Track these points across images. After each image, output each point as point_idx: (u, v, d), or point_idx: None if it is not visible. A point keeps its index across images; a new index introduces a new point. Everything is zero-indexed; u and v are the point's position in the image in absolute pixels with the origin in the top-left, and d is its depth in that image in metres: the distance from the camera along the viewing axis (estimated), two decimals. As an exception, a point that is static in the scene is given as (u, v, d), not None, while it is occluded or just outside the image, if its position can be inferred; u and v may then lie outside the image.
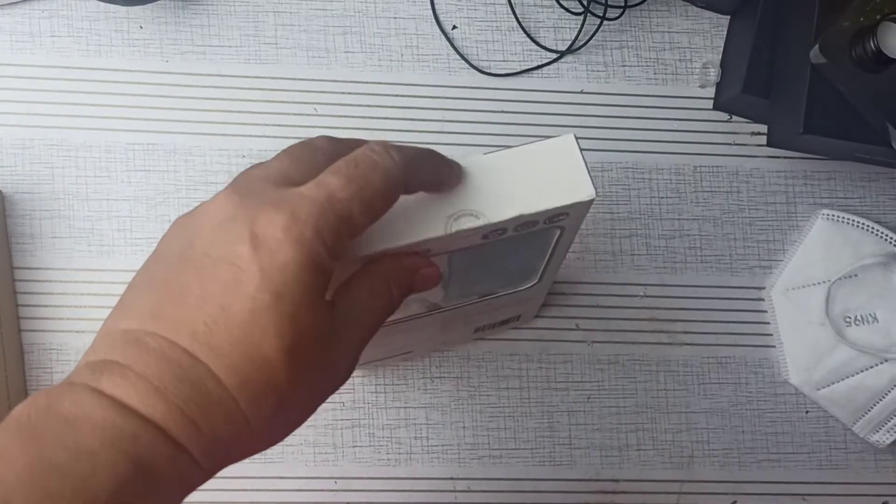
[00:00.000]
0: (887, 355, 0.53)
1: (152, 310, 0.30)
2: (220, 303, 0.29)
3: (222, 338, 0.29)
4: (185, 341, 0.29)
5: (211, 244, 0.30)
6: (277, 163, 0.33)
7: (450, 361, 0.54)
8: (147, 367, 0.28)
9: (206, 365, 0.29)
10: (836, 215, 0.56)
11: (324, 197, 0.30)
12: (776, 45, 0.54)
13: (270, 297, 0.29)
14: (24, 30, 0.53)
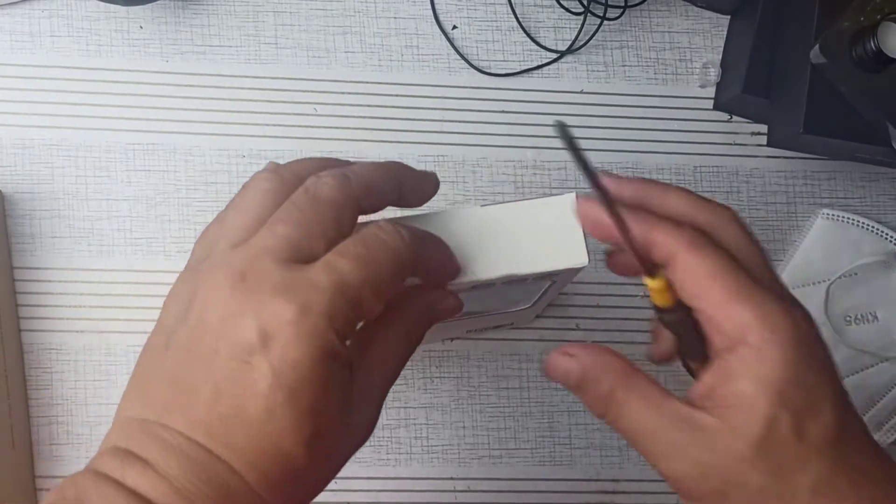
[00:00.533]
0: (887, 354, 0.53)
1: (165, 403, 0.29)
2: (235, 402, 0.28)
3: (240, 436, 0.28)
4: (202, 438, 0.28)
5: (219, 340, 0.29)
6: (284, 229, 0.30)
7: (450, 361, 0.54)
8: (168, 466, 0.28)
9: (226, 462, 0.28)
10: (836, 215, 0.56)
11: (334, 283, 0.29)
12: (776, 45, 0.54)
13: (284, 394, 0.28)
14: (24, 29, 0.53)
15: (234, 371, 0.28)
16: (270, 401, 0.28)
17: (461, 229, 0.35)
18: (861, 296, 0.54)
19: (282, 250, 0.29)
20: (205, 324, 0.29)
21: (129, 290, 0.52)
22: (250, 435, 0.28)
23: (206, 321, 0.29)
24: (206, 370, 0.29)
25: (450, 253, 0.34)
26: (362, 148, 0.54)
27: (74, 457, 0.50)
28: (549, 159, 0.56)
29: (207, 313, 0.29)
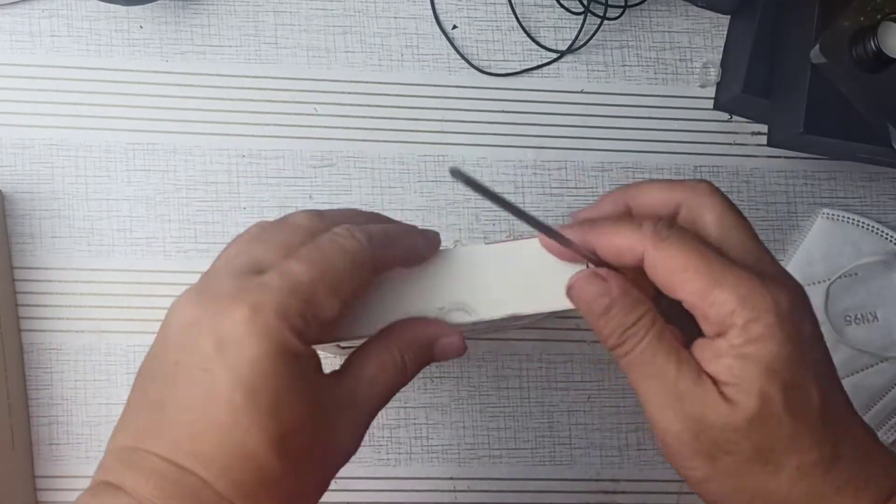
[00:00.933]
0: (887, 354, 0.53)
1: (142, 427, 0.30)
2: (198, 410, 0.28)
3: (206, 444, 0.28)
4: (173, 454, 0.29)
5: (179, 351, 0.29)
6: (245, 247, 0.32)
7: (450, 361, 0.54)
8: (137, 485, 0.28)
9: (196, 474, 0.28)
10: (836, 215, 0.56)
11: (286, 283, 0.29)
12: (776, 44, 0.54)
13: (244, 394, 0.28)
14: (24, 29, 0.53)
15: (194, 379, 0.29)
16: (231, 402, 0.28)
17: (465, 267, 0.35)
18: (861, 296, 0.54)
19: (245, 263, 0.31)
20: (167, 340, 0.30)
21: (128, 290, 0.52)
22: (216, 441, 0.28)
23: (168, 337, 0.30)
24: (171, 384, 0.29)
25: (421, 232, 0.35)
26: (362, 148, 0.54)
27: (74, 457, 0.50)
28: (550, 159, 0.56)
29: (169, 329, 0.30)
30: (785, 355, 0.30)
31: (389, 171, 0.55)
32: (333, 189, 0.54)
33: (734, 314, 0.30)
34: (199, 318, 0.29)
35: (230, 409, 0.28)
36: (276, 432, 0.28)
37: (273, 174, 0.54)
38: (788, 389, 0.30)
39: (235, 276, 0.30)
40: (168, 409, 0.29)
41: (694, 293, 0.31)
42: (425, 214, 0.54)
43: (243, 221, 0.53)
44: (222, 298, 0.29)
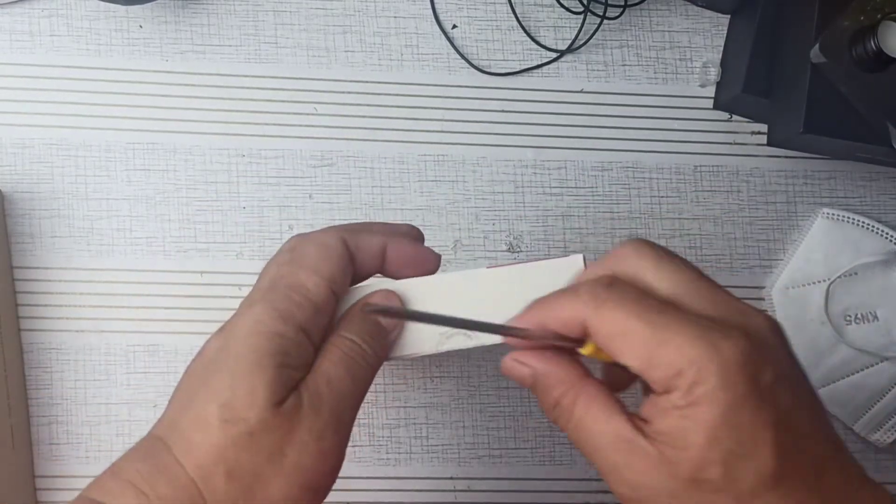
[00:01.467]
0: (887, 354, 0.53)
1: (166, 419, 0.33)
2: (192, 389, 0.32)
3: (182, 415, 0.32)
4: (160, 429, 0.32)
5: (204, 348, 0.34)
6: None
7: (450, 361, 0.54)
8: (126, 459, 0.32)
9: (163, 439, 0.31)
10: (836, 214, 0.55)
11: (274, 276, 0.34)
12: (776, 44, 0.54)
13: (218, 356, 0.32)
14: (24, 29, 0.53)
15: (196, 360, 0.33)
16: (204, 369, 0.32)
17: (465, 291, 0.36)
18: (861, 295, 0.54)
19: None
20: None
21: (129, 290, 0.52)
22: (184, 405, 0.32)
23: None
24: (190, 374, 0.33)
25: (388, 233, 0.37)
26: (362, 147, 0.54)
27: (74, 457, 0.50)
28: (549, 158, 0.56)
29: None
30: (731, 420, 0.28)
31: (389, 171, 0.54)
32: (333, 189, 0.54)
33: (679, 376, 0.28)
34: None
35: (205, 372, 0.32)
36: (225, 397, 0.31)
37: (273, 174, 0.54)
38: (731, 458, 0.28)
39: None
40: (178, 394, 0.33)
41: (637, 358, 0.29)
42: (425, 214, 0.54)
43: (243, 221, 0.53)
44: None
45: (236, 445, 0.30)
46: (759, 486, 0.28)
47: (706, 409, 0.28)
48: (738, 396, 0.28)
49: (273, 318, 0.32)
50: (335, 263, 0.34)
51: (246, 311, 0.33)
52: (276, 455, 0.31)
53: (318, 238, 0.35)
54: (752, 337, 0.28)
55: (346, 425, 0.33)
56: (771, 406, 0.28)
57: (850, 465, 0.30)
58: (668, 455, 0.29)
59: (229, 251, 0.53)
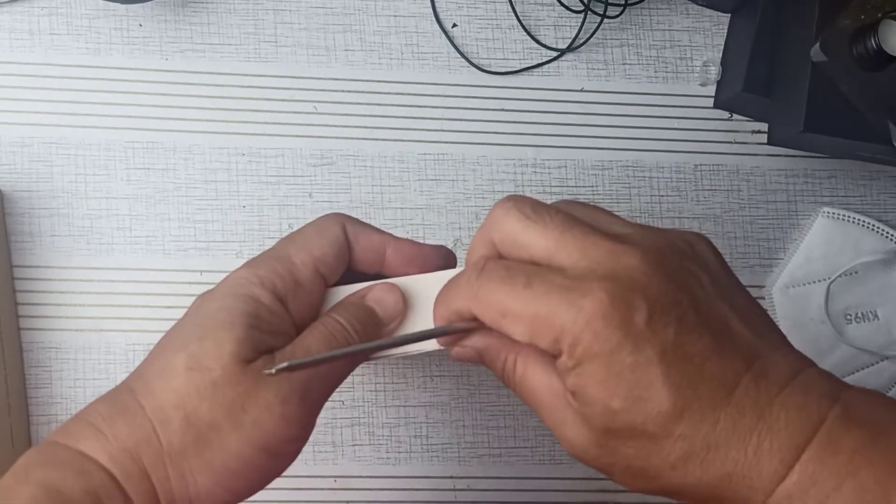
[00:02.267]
0: (888, 353, 0.53)
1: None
2: (164, 341, 0.34)
3: (149, 363, 0.33)
4: (129, 379, 0.33)
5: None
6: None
7: (449, 360, 0.54)
8: (95, 405, 0.32)
9: (129, 385, 0.32)
10: (836, 213, 0.55)
11: (272, 254, 0.35)
12: (777, 43, 0.54)
13: (193, 314, 0.33)
14: (23, 28, 0.53)
15: (177, 322, 0.34)
16: (180, 324, 0.33)
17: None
18: (861, 294, 0.54)
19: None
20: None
21: (128, 289, 0.52)
22: (154, 355, 0.33)
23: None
24: (167, 332, 0.34)
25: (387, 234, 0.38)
26: (362, 146, 0.54)
27: (74, 455, 0.50)
28: (550, 157, 0.56)
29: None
30: (615, 370, 0.28)
31: (389, 170, 0.54)
32: (333, 187, 0.54)
33: (558, 341, 0.29)
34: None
35: (177, 329, 0.33)
36: (194, 348, 0.31)
37: (273, 172, 0.54)
38: (630, 405, 0.28)
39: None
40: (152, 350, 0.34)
41: (521, 333, 0.30)
42: (425, 213, 0.54)
43: (243, 220, 0.53)
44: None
45: (198, 393, 0.31)
46: (666, 422, 0.28)
47: (590, 366, 0.29)
48: (614, 346, 0.28)
49: (252, 282, 0.33)
50: (327, 246, 0.35)
51: (230, 274, 0.34)
52: (236, 410, 0.31)
53: (320, 221, 0.36)
54: (616, 282, 0.29)
55: (315, 400, 0.33)
56: (650, 344, 0.28)
57: (771, 368, 0.29)
58: (583, 411, 0.30)
59: (229, 250, 0.53)
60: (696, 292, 0.30)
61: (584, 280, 0.29)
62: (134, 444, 0.30)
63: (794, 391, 0.29)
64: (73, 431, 0.31)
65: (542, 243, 0.30)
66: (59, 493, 0.29)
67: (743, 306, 0.31)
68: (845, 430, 0.28)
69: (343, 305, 0.35)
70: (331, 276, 0.36)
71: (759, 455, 0.28)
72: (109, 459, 0.30)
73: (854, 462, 0.27)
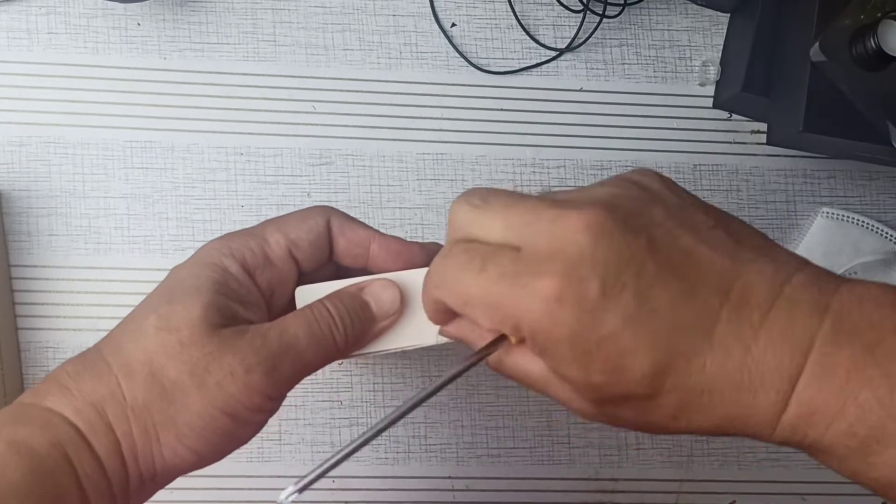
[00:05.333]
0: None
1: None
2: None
3: (119, 327, 0.34)
4: (101, 341, 0.34)
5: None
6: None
7: (448, 360, 0.54)
8: (63, 365, 0.33)
9: (99, 347, 0.33)
10: (836, 213, 0.55)
11: (248, 230, 0.36)
12: (776, 43, 0.54)
13: (167, 280, 0.34)
14: (21, 27, 0.53)
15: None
16: (152, 290, 0.34)
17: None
18: (861, 295, 0.53)
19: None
20: None
21: (126, 289, 0.52)
22: (126, 318, 0.34)
23: None
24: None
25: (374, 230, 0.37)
26: (361, 146, 0.54)
27: (71, 455, 0.50)
28: (549, 157, 0.55)
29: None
30: (583, 347, 0.27)
31: (388, 170, 0.54)
32: (332, 187, 0.54)
33: (518, 329, 0.28)
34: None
35: (149, 295, 0.34)
36: (164, 311, 0.32)
37: (271, 172, 0.54)
38: (612, 377, 0.27)
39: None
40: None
41: (486, 321, 0.29)
42: (423, 213, 0.54)
43: (241, 220, 0.53)
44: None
45: (164, 351, 0.31)
46: (652, 381, 0.27)
47: (557, 349, 0.28)
48: (575, 326, 0.27)
49: (223, 253, 0.34)
50: (304, 231, 0.35)
51: (203, 246, 0.35)
52: (200, 370, 0.31)
53: (305, 209, 0.37)
54: (563, 258, 0.27)
55: (283, 377, 0.33)
56: (611, 313, 0.27)
57: (751, 290, 0.28)
58: (571, 387, 0.29)
59: (227, 250, 0.53)
60: (653, 233, 0.28)
61: (533, 261, 0.28)
62: (99, 398, 0.31)
63: (779, 314, 0.27)
64: (40, 390, 0.32)
65: (492, 227, 0.30)
66: (27, 447, 0.29)
67: (709, 227, 0.29)
68: (837, 348, 0.26)
69: (337, 295, 0.35)
70: (306, 262, 0.36)
71: (754, 392, 0.27)
72: (74, 413, 0.31)
73: (852, 382, 0.26)
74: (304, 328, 0.33)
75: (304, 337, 0.33)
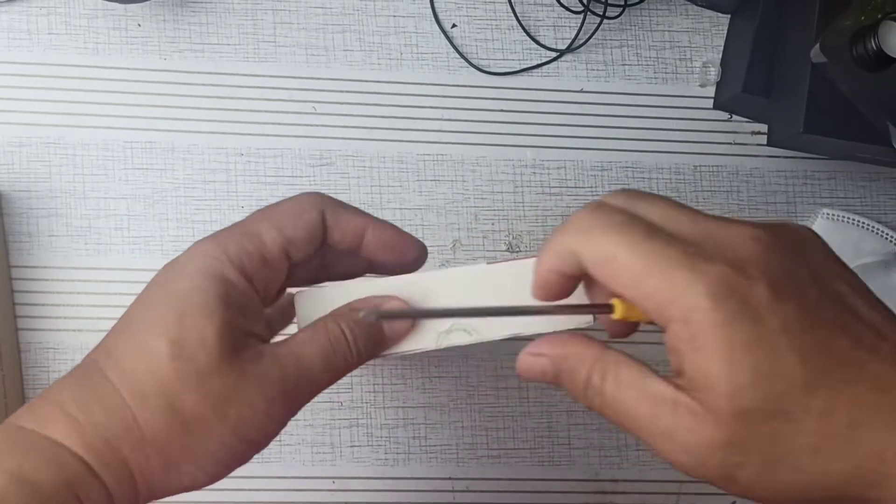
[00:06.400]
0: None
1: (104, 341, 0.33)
2: (128, 314, 0.32)
3: (118, 340, 0.31)
4: (95, 352, 0.32)
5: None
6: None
7: (448, 361, 0.54)
8: (60, 384, 0.31)
9: (99, 364, 0.31)
10: (836, 215, 0.55)
11: (237, 224, 0.34)
12: (776, 44, 0.54)
13: (164, 295, 0.32)
14: (22, 27, 0.53)
15: (142, 293, 0.33)
16: (152, 300, 0.32)
17: (465, 287, 0.35)
18: (861, 296, 0.53)
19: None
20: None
21: (126, 289, 0.52)
22: (124, 336, 0.31)
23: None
24: (135, 304, 0.33)
25: (370, 216, 0.36)
26: (361, 146, 0.54)
27: (71, 456, 0.50)
28: (549, 158, 0.55)
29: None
30: (739, 339, 0.26)
31: (388, 170, 0.54)
32: (332, 188, 0.54)
33: (671, 304, 0.27)
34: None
35: (148, 306, 0.32)
36: (175, 334, 0.30)
37: (271, 173, 0.54)
38: (759, 379, 0.26)
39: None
40: (119, 323, 0.33)
41: (627, 286, 0.28)
42: (424, 213, 0.54)
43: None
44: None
45: (182, 382, 0.30)
46: (800, 396, 0.26)
47: (709, 337, 0.26)
48: (736, 315, 0.26)
49: (221, 260, 0.32)
50: (301, 229, 0.34)
51: (196, 247, 0.33)
52: (220, 402, 0.31)
53: (298, 199, 0.35)
54: (735, 254, 0.27)
55: (299, 402, 0.33)
56: (774, 316, 0.26)
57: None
58: (706, 401, 0.27)
59: (227, 250, 0.53)
60: (813, 268, 0.28)
61: (703, 248, 0.27)
62: (113, 435, 0.30)
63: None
64: (41, 415, 0.30)
65: (659, 214, 0.29)
66: (31, 483, 0.28)
67: (861, 289, 0.29)
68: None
69: (353, 319, 0.34)
70: (298, 257, 0.35)
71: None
72: (85, 448, 0.29)
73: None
74: (319, 357, 0.33)
75: (320, 364, 0.33)
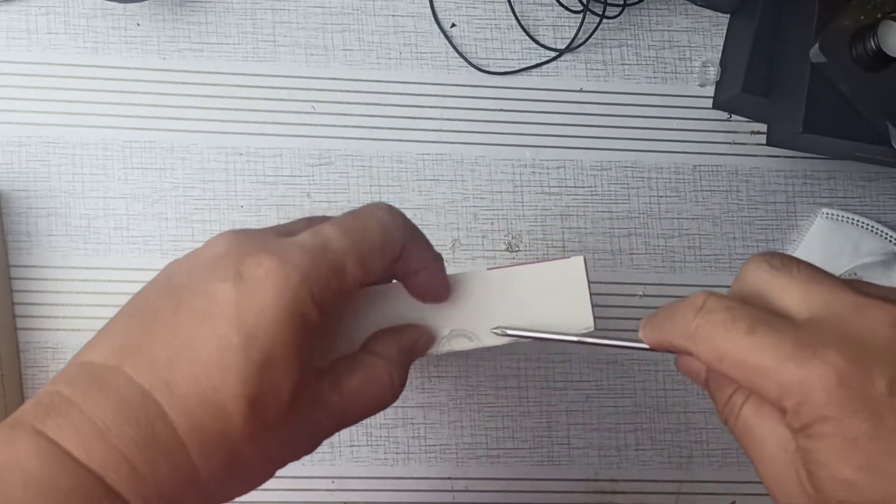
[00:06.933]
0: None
1: (122, 342, 0.28)
2: (188, 336, 0.27)
3: (181, 375, 0.27)
4: (144, 376, 0.27)
5: (195, 277, 0.28)
6: (288, 222, 0.33)
7: (448, 361, 0.54)
8: (95, 405, 0.27)
9: (159, 403, 0.27)
10: (835, 214, 0.55)
11: (318, 245, 0.29)
12: (776, 43, 0.54)
13: (240, 338, 0.27)
14: (21, 27, 0.53)
15: (197, 304, 0.28)
16: (223, 340, 0.27)
17: (466, 293, 0.35)
18: (860, 295, 0.53)
19: (283, 228, 0.31)
20: (189, 265, 0.29)
21: (125, 289, 0.51)
22: (192, 374, 0.27)
23: (192, 264, 0.29)
24: (172, 307, 0.28)
25: (435, 254, 0.34)
26: (360, 146, 0.54)
27: (70, 456, 0.50)
28: (548, 158, 0.55)
29: (194, 260, 0.30)
30: (851, 437, 0.26)
31: (387, 170, 0.54)
32: (331, 187, 0.54)
33: (783, 398, 0.27)
34: (227, 252, 0.29)
35: (220, 347, 0.27)
36: (253, 391, 0.27)
37: (271, 172, 0.54)
38: (869, 476, 0.26)
39: (273, 233, 0.30)
40: (158, 331, 0.28)
41: (742, 379, 0.28)
42: (423, 213, 0.54)
43: (240, 220, 0.53)
44: (256, 245, 0.29)
45: (248, 438, 0.28)
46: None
47: (820, 428, 0.26)
48: (850, 410, 0.26)
49: (306, 301, 0.28)
50: (384, 263, 0.31)
51: (277, 267, 0.28)
52: (273, 450, 0.30)
53: (386, 226, 0.31)
54: (856, 343, 0.27)
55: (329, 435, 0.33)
56: (892, 412, 0.26)
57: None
58: (812, 475, 0.27)
59: (227, 250, 0.53)
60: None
61: (820, 335, 0.27)
62: (174, 491, 0.27)
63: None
64: (96, 456, 0.26)
65: (787, 293, 0.29)
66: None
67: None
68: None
69: (396, 349, 0.33)
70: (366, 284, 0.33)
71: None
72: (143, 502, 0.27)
73: None
74: (364, 408, 0.32)
75: (362, 413, 0.32)
